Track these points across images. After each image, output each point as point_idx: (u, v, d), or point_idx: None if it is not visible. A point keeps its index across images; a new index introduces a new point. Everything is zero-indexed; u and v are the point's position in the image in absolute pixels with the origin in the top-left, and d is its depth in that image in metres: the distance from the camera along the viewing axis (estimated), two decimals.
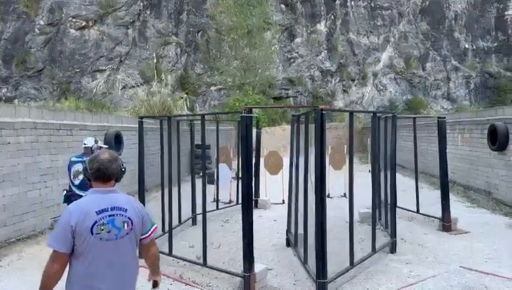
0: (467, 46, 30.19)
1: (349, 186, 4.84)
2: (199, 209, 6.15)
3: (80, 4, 25.36)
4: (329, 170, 8.35)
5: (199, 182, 5.41)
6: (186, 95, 16.95)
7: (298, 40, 29.54)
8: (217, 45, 27.44)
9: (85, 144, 5.22)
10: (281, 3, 29.52)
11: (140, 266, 2.47)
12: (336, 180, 8.92)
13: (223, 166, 8.50)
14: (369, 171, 7.07)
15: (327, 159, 5.74)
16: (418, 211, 7.49)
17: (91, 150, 5.01)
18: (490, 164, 9.19)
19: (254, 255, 4.31)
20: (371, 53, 29.76)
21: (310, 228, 4.65)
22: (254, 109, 5.10)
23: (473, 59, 29.99)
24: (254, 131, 6.63)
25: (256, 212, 6.21)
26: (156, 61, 22.94)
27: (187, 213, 7.17)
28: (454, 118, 11.63)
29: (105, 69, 25.18)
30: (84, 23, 25.33)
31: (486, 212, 8.18)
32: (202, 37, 27.93)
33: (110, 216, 2.23)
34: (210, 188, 7.79)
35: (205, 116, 5.50)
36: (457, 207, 8.11)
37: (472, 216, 7.76)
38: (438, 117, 7.34)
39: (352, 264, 4.68)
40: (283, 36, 29.31)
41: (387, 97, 29.24)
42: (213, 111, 24.37)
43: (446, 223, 6.74)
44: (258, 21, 25.99)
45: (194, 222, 7.28)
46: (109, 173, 2.31)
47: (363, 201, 6.32)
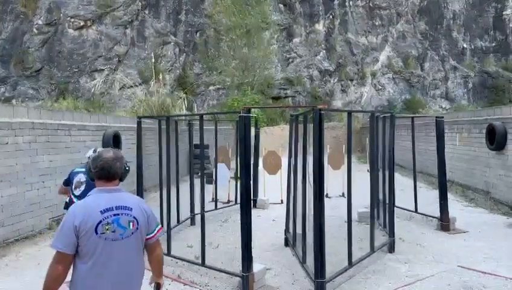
0: (465, 45, 30.26)
1: (347, 186, 4.84)
2: (198, 209, 6.17)
3: (78, 4, 25.34)
4: (327, 170, 8.35)
5: (198, 182, 5.41)
6: (184, 95, 16.95)
7: (297, 40, 29.55)
8: (216, 45, 27.43)
9: (88, 157, 5.20)
10: (280, 3, 29.52)
11: None
12: (335, 180, 8.92)
13: (222, 166, 8.51)
14: (367, 170, 7.06)
15: (325, 159, 5.74)
16: (417, 211, 7.50)
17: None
18: (488, 164, 9.20)
19: (252, 255, 4.31)
20: (370, 53, 29.79)
21: (309, 228, 4.65)
22: (253, 109, 5.10)
23: (471, 59, 30.06)
24: (253, 131, 6.63)
25: (254, 212, 6.20)
26: (155, 61, 22.91)
27: (186, 213, 7.17)
28: (452, 118, 11.64)
29: (103, 69, 25.15)
30: (82, 23, 25.30)
31: (484, 211, 8.20)
32: (201, 37, 27.93)
33: (115, 215, 2.18)
34: (208, 188, 7.79)
35: (203, 116, 5.49)
36: (455, 207, 8.12)
37: (470, 216, 7.78)
38: (436, 117, 7.35)
39: (350, 263, 4.69)
40: (281, 36, 29.32)
41: (385, 97, 29.26)
42: (211, 111, 24.35)
43: (444, 222, 6.75)
44: (257, 21, 25.97)
45: (193, 222, 7.28)
46: (113, 172, 2.28)
47: (362, 201, 6.32)
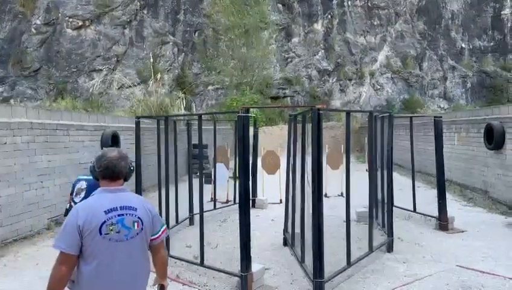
0: (464, 45, 30.33)
1: (346, 185, 4.84)
2: (196, 209, 6.16)
3: (77, 4, 25.31)
4: (326, 170, 8.36)
5: (196, 182, 5.41)
6: (183, 95, 16.93)
7: (295, 40, 29.57)
8: (214, 45, 27.43)
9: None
10: (278, 2, 29.54)
11: None
12: (333, 179, 8.93)
13: (221, 165, 8.51)
14: (366, 170, 7.07)
15: (324, 159, 5.74)
16: (415, 210, 7.51)
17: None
18: (486, 163, 9.22)
19: (251, 254, 4.31)
20: (368, 52, 29.83)
21: (307, 228, 4.65)
22: (251, 109, 5.10)
23: (470, 58, 30.13)
24: (251, 130, 6.62)
25: (253, 212, 6.20)
26: (153, 60, 22.89)
27: (184, 213, 7.17)
28: (450, 117, 11.66)
29: (102, 69, 25.13)
30: (80, 22, 25.28)
31: (482, 211, 8.21)
32: (199, 37, 27.92)
33: (120, 216, 2.13)
34: (207, 188, 7.79)
35: (202, 115, 5.49)
36: (453, 206, 8.13)
37: (468, 215, 7.79)
38: (435, 116, 7.35)
39: (349, 263, 4.69)
40: (280, 36, 29.33)
41: (384, 96, 29.31)
42: (210, 111, 24.35)
43: (443, 222, 6.76)
44: (255, 21, 25.96)
45: (192, 222, 7.28)
46: (117, 171, 2.23)
47: (360, 200, 6.33)
